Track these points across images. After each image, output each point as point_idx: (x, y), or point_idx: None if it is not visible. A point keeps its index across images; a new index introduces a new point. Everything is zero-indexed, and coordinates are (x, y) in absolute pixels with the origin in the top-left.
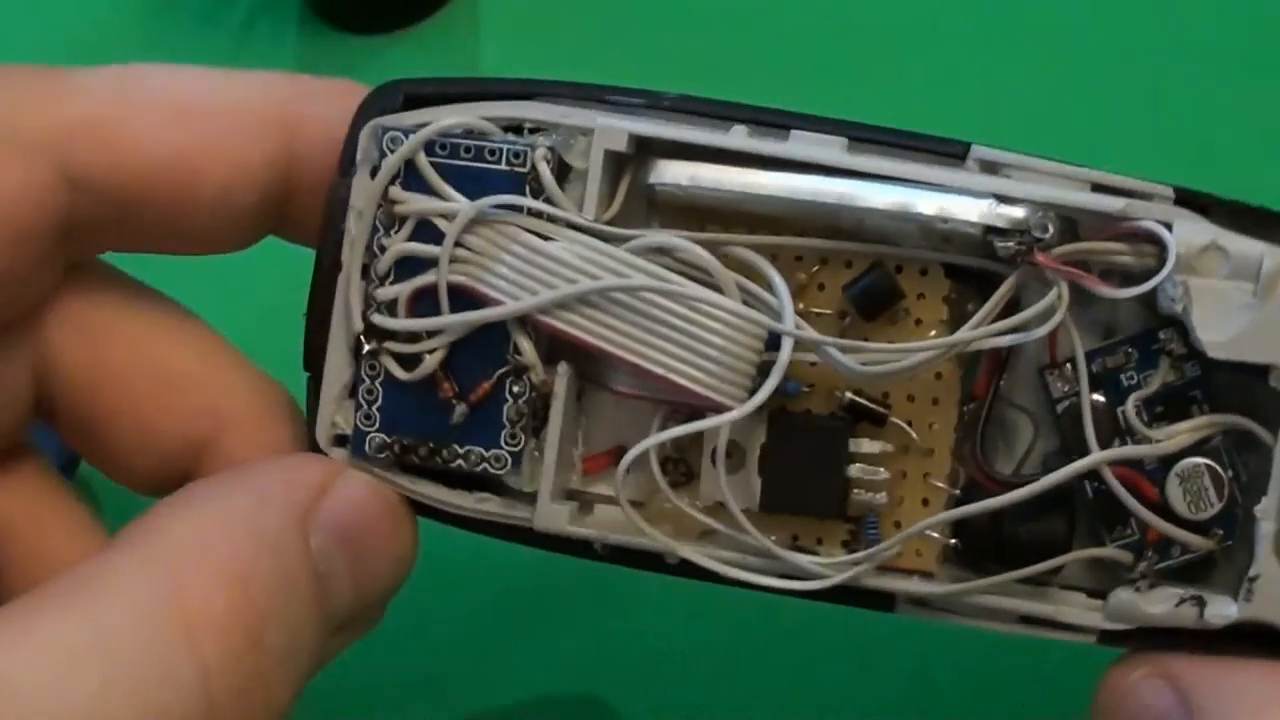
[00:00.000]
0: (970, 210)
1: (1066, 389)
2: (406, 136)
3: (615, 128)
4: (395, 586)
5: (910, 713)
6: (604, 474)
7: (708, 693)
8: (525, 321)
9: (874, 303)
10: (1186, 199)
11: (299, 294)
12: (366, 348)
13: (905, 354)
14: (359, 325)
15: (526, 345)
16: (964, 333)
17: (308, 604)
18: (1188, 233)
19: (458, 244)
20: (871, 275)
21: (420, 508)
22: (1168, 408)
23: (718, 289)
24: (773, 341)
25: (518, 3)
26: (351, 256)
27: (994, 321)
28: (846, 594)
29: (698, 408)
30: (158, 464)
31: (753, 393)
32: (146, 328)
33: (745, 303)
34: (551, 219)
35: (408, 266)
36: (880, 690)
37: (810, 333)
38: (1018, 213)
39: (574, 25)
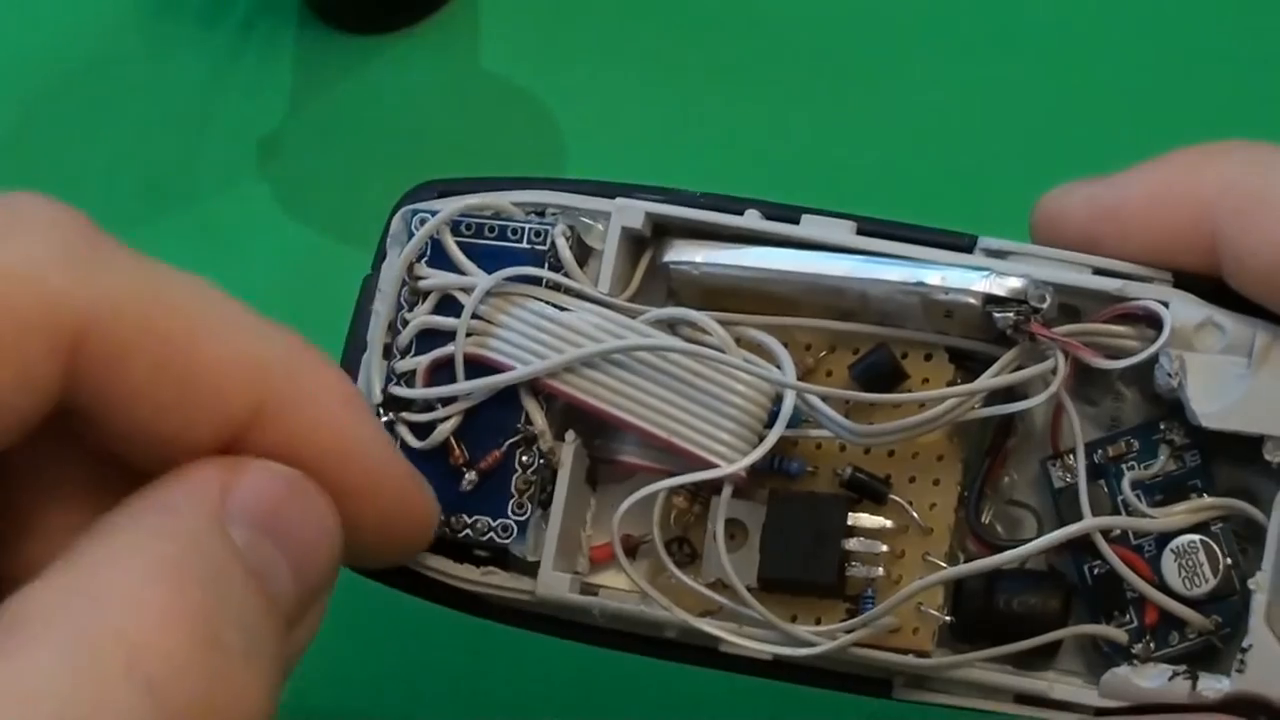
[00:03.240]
0: (970, 280)
1: (1068, 478)
2: (434, 217)
3: (633, 206)
4: (334, 564)
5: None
6: (611, 564)
7: (708, 692)
8: (537, 391)
9: (878, 382)
10: (1185, 281)
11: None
12: (384, 419)
13: (904, 413)
14: (377, 397)
15: (537, 413)
16: (968, 386)
17: (253, 597)
18: (1184, 310)
19: (477, 316)
20: (875, 354)
21: (428, 589)
22: (1167, 495)
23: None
24: (777, 417)
25: (518, 2)
26: (374, 334)
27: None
28: (845, 679)
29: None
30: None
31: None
32: (165, 331)
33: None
34: (568, 291)
35: (428, 339)
36: None
37: (811, 385)
38: (1016, 282)
39: (574, 25)
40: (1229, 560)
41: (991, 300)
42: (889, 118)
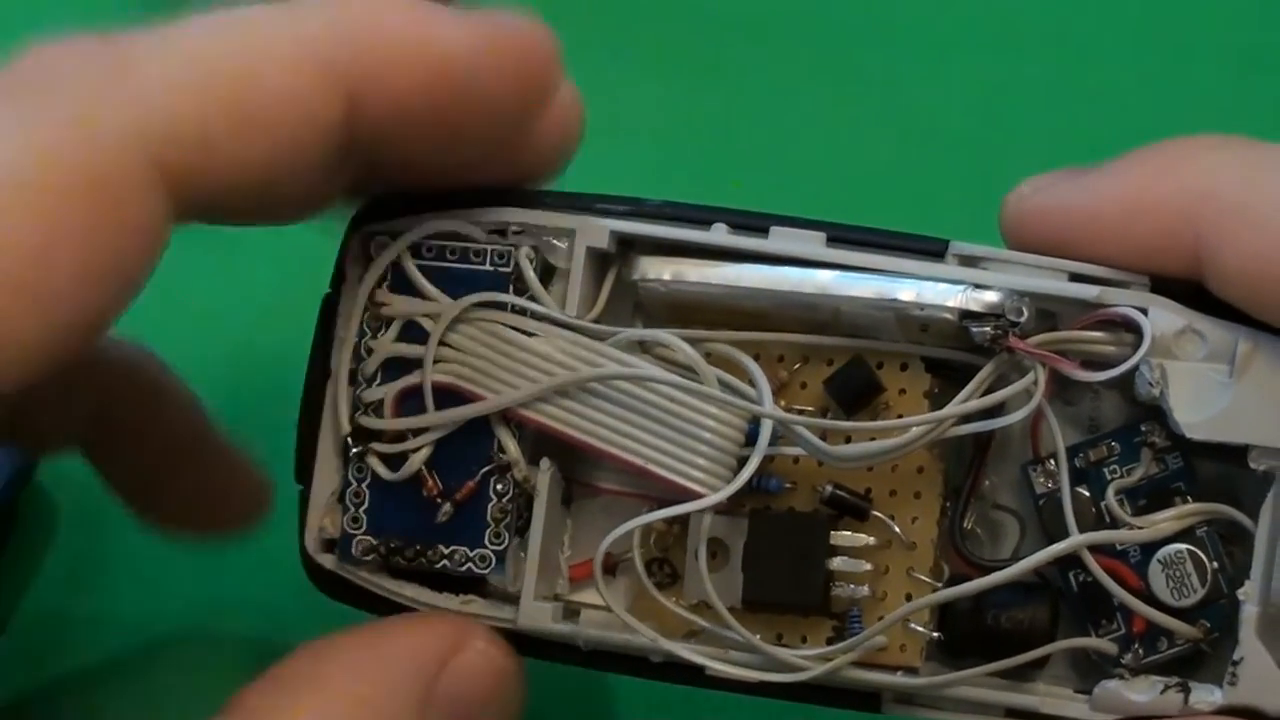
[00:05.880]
0: (945, 295)
1: (1050, 484)
2: (394, 241)
3: (597, 225)
4: None
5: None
6: (591, 581)
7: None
8: (509, 419)
9: (853, 395)
10: (1163, 286)
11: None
12: (353, 450)
13: (881, 435)
14: (346, 428)
15: (510, 442)
16: (946, 410)
17: None
18: (1164, 317)
19: (443, 343)
20: (850, 367)
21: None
22: (1151, 500)
23: (699, 383)
24: (754, 437)
25: (517, 3)
26: (339, 361)
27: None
28: (832, 694)
29: (682, 501)
30: None
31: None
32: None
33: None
34: (535, 316)
35: (394, 367)
36: None
37: (784, 413)
38: (992, 297)
39: (574, 26)
40: (1215, 564)
41: (968, 316)
42: (889, 118)
